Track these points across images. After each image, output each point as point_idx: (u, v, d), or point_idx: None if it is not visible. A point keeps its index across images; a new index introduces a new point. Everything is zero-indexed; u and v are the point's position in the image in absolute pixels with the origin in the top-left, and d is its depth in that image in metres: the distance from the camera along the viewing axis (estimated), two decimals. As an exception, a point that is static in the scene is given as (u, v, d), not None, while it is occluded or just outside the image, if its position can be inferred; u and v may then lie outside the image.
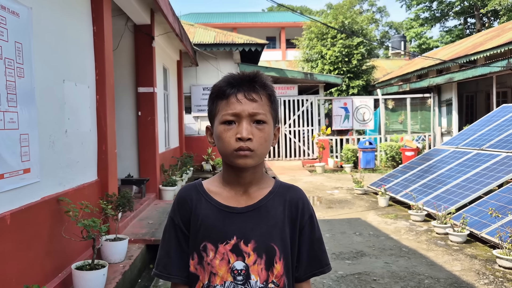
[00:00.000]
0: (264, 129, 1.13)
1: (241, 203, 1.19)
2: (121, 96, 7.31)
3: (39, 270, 3.26)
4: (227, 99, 1.13)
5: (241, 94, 1.12)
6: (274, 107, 1.19)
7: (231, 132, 1.11)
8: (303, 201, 1.24)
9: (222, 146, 1.13)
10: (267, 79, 1.18)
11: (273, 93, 1.19)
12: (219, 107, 1.15)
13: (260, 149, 1.12)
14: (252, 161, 1.12)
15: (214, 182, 1.25)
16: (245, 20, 29.32)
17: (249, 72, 1.17)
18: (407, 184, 7.45)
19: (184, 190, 1.25)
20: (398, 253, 4.70)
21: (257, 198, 1.20)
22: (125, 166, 7.35)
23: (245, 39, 12.63)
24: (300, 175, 11.37)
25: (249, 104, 1.12)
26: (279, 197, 1.22)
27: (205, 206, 1.19)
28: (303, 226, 1.22)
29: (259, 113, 1.12)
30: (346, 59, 17.71)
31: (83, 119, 4.26)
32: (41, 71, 3.41)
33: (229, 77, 1.17)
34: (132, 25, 7.25)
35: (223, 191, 1.21)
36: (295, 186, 1.28)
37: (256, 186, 1.21)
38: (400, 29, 38.45)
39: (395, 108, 14.59)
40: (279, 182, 1.26)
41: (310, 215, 1.24)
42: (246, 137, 1.09)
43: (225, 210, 1.18)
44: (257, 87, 1.14)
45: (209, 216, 1.18)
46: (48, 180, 3.48)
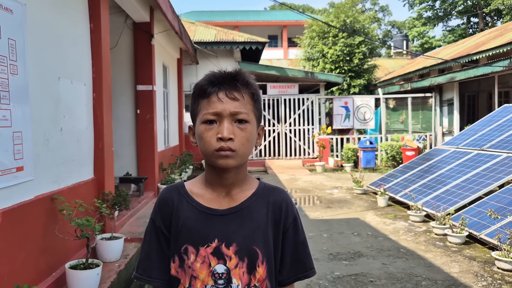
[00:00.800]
0: (246, 128, 1.10)
1: (223, 205, 1.16)
2: (120, 94, 7.29)
3: (32, 269, 3.23)
4: (208, 98, 1.10)
5: (222, 93, 1.09)
6: (257, 106, 1.16)
7: (212, 132, 1.08)
8: (287, 203, 1.21)
9: (203, 146, 1.10)
10: (249, 77, 1.15)
11: (256, 92, 1.16)
12: (201, 106, 1.12)
13: (242, 149, 1.09)
14: (234, 162, 1.09)
15: (196, 183, 1.21)
16: (247, 18, 29.26)
17: (231, 70, 1.14)
18: (406, 184, 7.41)
19: (166, 192, 1.22)
20: (396, 254, 4.66)
21: (240, 200, 1.17)
22: (123, 164, 7.32)
23: (245, 37, 12.59)
24: (300, 174, 11.33)
25: (231, 103, 1.08)
26: (263, 199, 1.18)
27: (187, 208, 1.16)
28: (286, 229, 1.19)
29: (241, 112, 1.09)
30: (348, 58, 17.66)
31: (79, 117, 4.23)
32: (35, 68, 3.37)
33: (211, 75, 1.13)
34: (131, 23, 7.22)
35: (205, 192, 1.18)
36: (279, 188, 1.25)
37: (239, 188, 1.18)
38: (403, 28, 38.33)
39: (396, 108, 14.52)
40: (263, 183, 1.23)
41: (294, 217, 1.20)
42: (227, 137, 1.06)
43: (206, 212, 1.15)
44: (239, 86, 1.11)
45: (190, 218, 1.15)
46: (42, 178, 3.45)
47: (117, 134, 7.30)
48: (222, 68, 1.15)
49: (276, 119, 13.15)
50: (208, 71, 1.18)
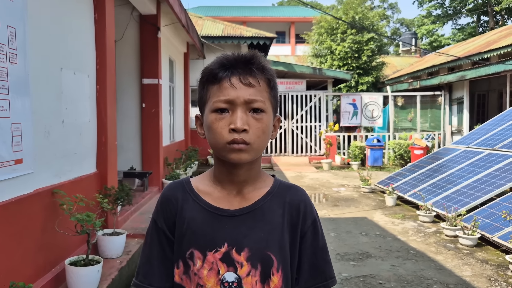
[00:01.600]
0: (262, 119, 0.97)
1: (234, 205, 1.03)
2: (125, 87, 7.18)
3: (30, 265, 3.13)
4: (219, 83, 0.97)
5: (236, 78, 0.96)
6: (274, 93, 1.02)
7: (224, 122, 0.95)
8: (306, 203, 1.07)
9: (213, 138, 0.97)
10: (266, 61, 1.01)
11: (273, 78, 1.02)
12: (210, 93, 0.98)
13: (257, 142, 0.96)
14: (248, 156, 0.96)
15: (204, 180, 1.08)
16: (255, 14, 29.06)
17: (246, 53, 1.00)
18: (415, 183, 7.25)
19: (169, 189, 1.08)
20: (405, 255, 4.52)
21: (253, 199, 1.04)
22: (128, 159, 7.23)
23: (253, 32, 12.44)
24: (306, 171, 11.20)
25: (245, 89, 0.95)
26: (278, 199, 1.05)
27: (193, 207, 1.03)
28: (305, 232, 1.06)
29: (257, 100, 0.96)
30: (356, 55, 17.44)
31: (82, 109, 4.12)
32: (36, 58, 3.26)
33: (222, 58, 0.99)
34: (138, 15, 7.10)
35: (214, 190, 1.05)
36: (297, 186, 1.12)
37: (251, 186, 1.05)
38: (411, 26, 37.94)
39: (404, 106, 14.32)
40: (278, 181, 1.10)
41: (313, 220, 1.07)
42: (241, 128, 0.93)
43: (215, 213, 1.02)
44: (255, 70, 0.97)
45: (196, 219, 1.02)
46: (42, 171, 3.34)
47: (121, 128, 7.20)
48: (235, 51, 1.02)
49: (283, 115, 13.00)
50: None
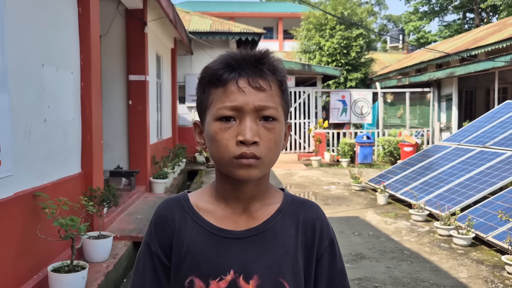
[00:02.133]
0: (274, 128, 0.83)
1: (240, 225, 0.89)
2: (111, 84, 6.97)
3: (9, 272, 2.95)
4: (224, 86, 0.82)
5: (244, 81, 0.81)
6: (286, 98, 0.89)
7: (230, 133, 0.81)
8: (322, 221, 0.94)
9: (217, 151, 0.83)
10: (278, 61, 0.87)
11: (285, 80, 0.88)
12: (213, 98, 0.84)
13: (268, 156, 0.82)
14: (258, 172, 0.82)
15: (204, 196, 0.94)
16: (243, 9, 28.83)
17: (255, 51, 0.85)
18: (407, 181, 7.20)
19: (165, 207, 0.93)
20: (400, 256, 4.44)
21: (262, 218, 0.90)
22: (114, 157, 7.03)
23: (242, 28, 12.27)
24: (295, 168, 11.10)
25: (255, 94, 0.81)
26: (290, 217, 0.92)
27: (192, 228, 0.89)
28: (321, 255, 0.93)
29: (269, 107, 0.82)
30: (345, 51, 17.39)
31: (65, 107, 3.93)
32: (16, 53, 3.07)
33: (227, 56, 0.85)
34: (124, 10, 6.89)
35: (217, 208, 0.91)
36: (311, 201, 0.98)
37: (259, 202, 0.91)
38: (399, 23, 38.11)
39: (393, 102, 14.31)
40: (289, 195, 0.95)
41: (330, 240, 0.94)
42: (251, 140, 0.79)
43: (218, 235, 0.88)
44: (266, 71, 0.83)
45: (197, 242, 0.88)
46: (22, 173, 3.16)
47: (108, 126, 7.00)
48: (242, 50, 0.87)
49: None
50: (203, 62, 0.89)
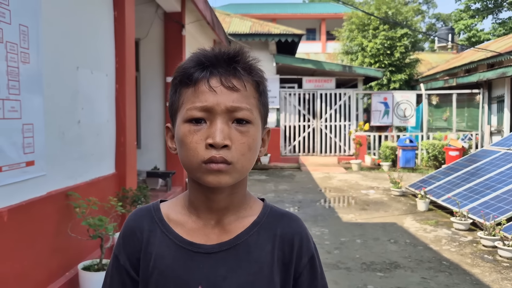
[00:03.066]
0: (248, 132, 0.77)
1: (212, 239, 0.82)
2: (149, 85, 7.13)
3: (42, 269, 3.06)
4: (194, 86, 0.77)
5: (216, 80, 0.76)
6: (263, 100, 0.82)
7: (199, 136, 0.75)
8: (301, 236, 0.87)
9: (186, 155, 0.77)
10: (254, 60, 0.81)
11: (262, 80, 0.82)
12: (184, 98, 0.79)
13: (241, 161, 0.76)
14: (229, 179, 0.76)
15: (176, 206, 0.88)
16: (285, 11, 28.74)
17: (229, 49, 0.80)
18: (450, 187, 6.85)
19: (134, 218, 0.88)
20: (437, 266, 4.21)
21: (235, 231, 0.83)
22: (151, 158, 7.17)
23: (281, 29, 12.21)
24: (334, 172, 10.89)
25: (228, 94, 0.76)
26: (267, 231, 0.85)
27: (161, 241, 0.83)
28: (300, 272, 0.85)
29: (242, 108, 0.76)
30: (388, 52, 16.87)
31: (99, 109, 4.04)
32: (50, 57, 3.18)
33: (199, 54, 0.79)
34: (162, 13, 7.02)
35: (188, 220, 0.84)
36: (291, 214, 0.90)
37: (234, 214, 0.84)
38: (448, 21, 36.58)
39: (439, 104, 13.71)
40: (268, 207, 0.88)
41: (310, 256, 0.87)
42: (221, 143, 0.73)
43: (187, 249, 0.82)
44: (240, 70, 0.77)
45: (165, 256, 0.82)
46: (56, 173, 3.27)
47: (145, 127, 7.17)
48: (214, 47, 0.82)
49: (312, 114, 12.71)
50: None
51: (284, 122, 12.57)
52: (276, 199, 7.53)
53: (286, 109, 12.58)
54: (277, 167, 11.79)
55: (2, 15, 2.66)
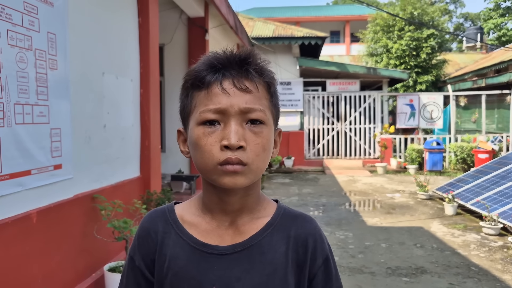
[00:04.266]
0: (262, 132, 0.78)
1: (226, 240, 0.83)
2: (174, 89, 7.23)
3: (69, 270, 3.14)
4: (207, 89, 0.78)
5: (229, 82, 0.77)
6: (275, 101, 0.83)
7: (214, 138, 0.76)
8: (315, 237, 0.86)
9: (201, 158, 0.78)
10: (265, 61, 0.82)
11: (273, 82, 0.82)
12: (196, 101, 0.80)
13: (256, 161, 0.77)
14: (245, 180, 0.77)
15: (190, 208, 0.89)
16: (308, 14, 28.65)
17: (240, 51, 0.81)
18: (479, 191, 6.66)
19: (148, 219, 0.90)
20: (466, 272, 4.10)
21: (249, 233, 0.84)
22: (176, 162, 7.27)
23: (304, 32, 12.18)
24: (359, 175, 10.76)
25: (241, 96, 0.76)
26: (281, 232, 0.85)
27: (175, 242, 0.84)
28: (314, 274, 0.85)
29: (255, 109, 0.77)
30: (414, 53, 16.57)
31: (124, 114, 4.12)
32: (77, 63, 3.28)
33: (211, 57, 0.80)
34: (186, 18, 7.12)
35: (202, 221, 0.85)
36: (306, 215, 0.90)
37: (248, 216, 0.85)
38: (477, 21, 35.67)
39: (468, 106, 13.36)
40: (282, 208, 0.89)
41: (325, 258, 0.86)
42: (237, 144, 0.74)
43: (201, 250, 0.83)
44: (252, 72, 0.78)
45: (179, 257, 0.83)
46: (82, 176, 3.35)
47: (170, 131, 7.27)
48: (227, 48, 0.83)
49: (336, 117, 12.61)
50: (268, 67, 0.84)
51: (308, 125, 12.51)
52: (300, 202, 7.49)
53: (310, 112, 12.52)
54: (301, 170, 11.73)
55: (32, 23, 2.75)
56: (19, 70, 2.61)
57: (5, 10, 2.48)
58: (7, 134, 2.49)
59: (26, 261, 2.65)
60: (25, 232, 2.64)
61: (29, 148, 2.72)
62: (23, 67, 2.64)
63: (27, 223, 2.66)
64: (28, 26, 2.71)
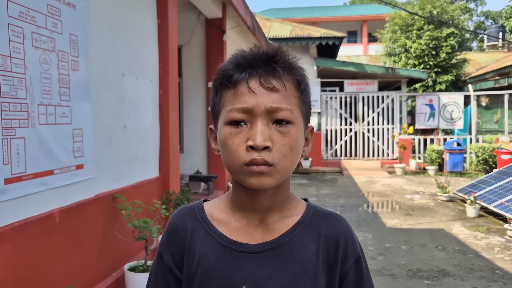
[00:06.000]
0: (289, 132, 0.77)
1: (255, 238, 0.82)
2: (192, 90, 7.27)
3: (91, 269, 3.17)
4: (234, 88, 0.77)
5: (255, 81, 0.76)
6: (305, 99, 0.81)
7: (240, 138, 0.76)
8: (347, 236, 0.85)
9: (228, 157, 0.78)
10: (294, 58, 0.81)
11: (303, 79, 0.81)
12: (224, 100, 0.79)
13: (283, 162, 0.76)
14: (271, 181, 0.76)
15: (220, 205, 0.89)
16: (325, 14, 28.52)
17: (268, 48, 0.80)
18: (502, 192, 6.50)
19: (177, 216, 0.90)
20: (490, 276, 4.00)
21: (279, 231, 0.83)
22: (194, 162, 7.30)
23: (322, 32, 12.12)
24: (377, 176, 10.63)
25: (267, 95, 0.75)
26: (311, 231, 0.84)
27: (204, 240, 0.84)
28: (345, 274, 0.84)
29: (282, 109, 0.76)
30: (434, 52, 16.31)
31: (144, 114, 4.16)
32: (98, 64, 3.32)
33: (238, 55, 0.80)
34: (204, 19, 7.15)
35: (231, 219, 0.85)
36: (336, 214, 0.89)
37: (278, 214, 0.84)
38: (498, 19, 34.93)
39: (489, 106, 13.09)
40: (312, 207, 0.88)
41: (356, 257, 0.85)
42: (262, 144, 0.73)
43: (231, 248, 0.82)
44: (279, 70, 0.77)
45: (208, 255, 0.83)
46: (103, 176, 3.39)
47: (188, 132, 7.31)
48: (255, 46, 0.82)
49: (353, 117, 12.50)
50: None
51: (325, 125, 12.43)
52: (318, 203, 7.39)
53: (328, 112, 12.44)
54: (318, 171, 11.67)
55: (55, 25, 2.80)
56: (43, 72, 2.65)
57: (29, 12, 2.53)
58: (31, 134, 2.54)
59: (50, 260, 2.69)
60: (48, 231, 2.68)
61: (52, 148, 2.76)
62: (46, 69, 2.69)
63: (50, 222, 2.70)
64: (52, 28, 2.76)
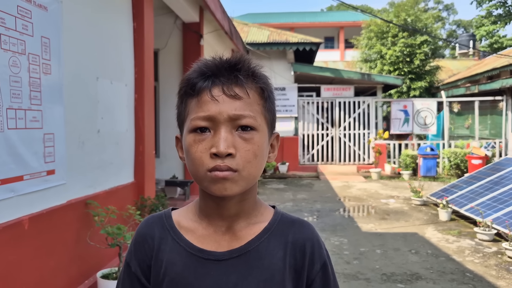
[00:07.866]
0: (252, 139, 0.77)
1: (222, 245, 0.82)
2: (168, 95, 7.21)
3: (62, 277, 3.09)
4: (198, 96, 0.78)
5: (218, 89, 0.77)
6: (269, 106, 0.82)
7: (204, 145, 0.76)
8: (313, 242, 0.85)
9: (192, 165, 0.78)
10: (257, 65, 0.82)
11: (267, 86, 0.82)
12: (189, 109, 0.80)
13: (247, 168, 0.76)
14: (236, 187, 0.76)
15: (187, 213, 0.88)
16: (303, 20, 28.79)
17: (231, 57, 0.81)
18: (473, 196, 6.68)
19: (145, 225, 0.89)
20: (460, 278, 4.09)
21: (246, 238, 0.83)
22: (170, 167, 7.23)
23: (299, 38, 12.22)
24: (354, 180, 10.76)
25: (230, 103, 0.76)
26: (278, 237, 0.84)
27: (172, 248, 0.84)
28: (312, 280, 0.84)
29: (245, 116, 0.76)
30: (408, 59, 16.68)
31: (119, 119, 4.10)
32: (71, 67, 3.25)
33: (202, 64, 0.80)
34: (181, 23, 7.12)
35: (199, 226, 0.85)
36: (303, 220, 0.89)
37: (245, 221, 0.84)
38: (469, 28, 36.03)
39: (461, 112, 13.45)
40: (279, 214, 0.88)
41: (323, 263, 0.85)
42: (225, 151, 0.74)
43: (198, 255, 0.82)
44: (242, 78, 0.78)
45: (176, 263, 0.82)
46: (76, 182, 3.32)
47: (164, 136, 7.24)
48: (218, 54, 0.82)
49: (330, 122, 12.63)
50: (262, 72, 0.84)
51: (302, 130, 12.52)
52: (295, 208, 7.47)
53: (305, 117, 12.53)
54: (295, 176, 11.73)
55: (25, 27, 2.73)
56: (12, 75, 2.58)
57: (-2, 14, 2.46)
58: (-1, 139, 2.46)
59: (18, 268, 2.61)
60: (17, 238, 2.60)
61: (22, 153, 2.69)
62: (16, 72, 2.62)
63: (19, 229, 2.62)
64: (22, 30, 2.69)
